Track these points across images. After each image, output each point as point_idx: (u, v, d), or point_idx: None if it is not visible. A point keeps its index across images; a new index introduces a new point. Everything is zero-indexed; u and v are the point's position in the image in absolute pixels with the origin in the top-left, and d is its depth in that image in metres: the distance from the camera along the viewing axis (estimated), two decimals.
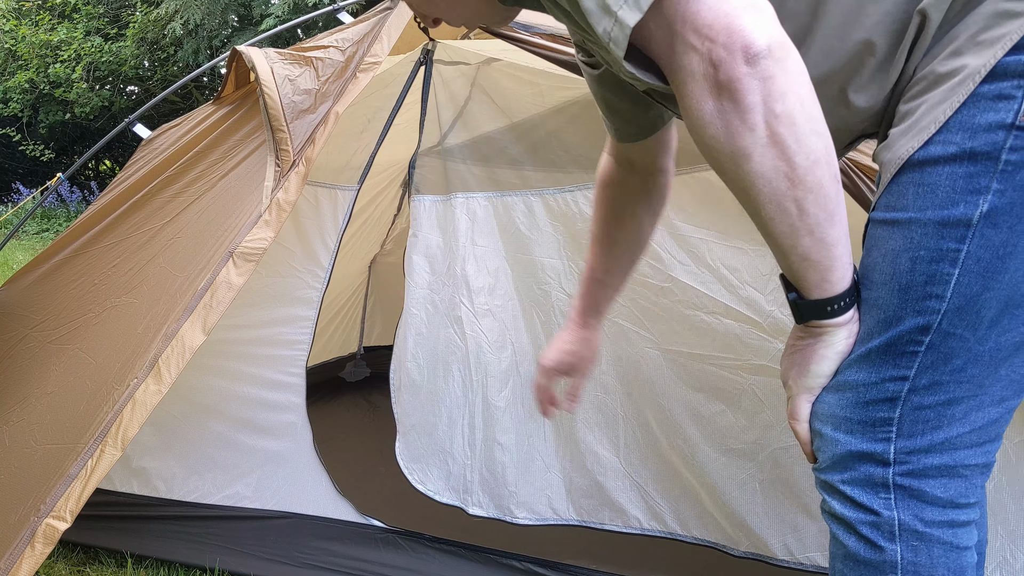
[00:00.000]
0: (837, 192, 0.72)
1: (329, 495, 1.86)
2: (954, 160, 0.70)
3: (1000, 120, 0.69)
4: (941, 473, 0.76)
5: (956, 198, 0.71)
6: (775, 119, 0.68)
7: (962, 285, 0.71)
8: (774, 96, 0.67)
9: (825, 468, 0.81)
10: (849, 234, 0.75)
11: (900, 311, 0.74)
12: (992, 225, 0.70)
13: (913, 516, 0.75)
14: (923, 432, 0.75)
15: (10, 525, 1.37)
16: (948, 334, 0.73)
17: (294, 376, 1.90)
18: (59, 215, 9.02)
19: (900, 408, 0.75)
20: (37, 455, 1.48)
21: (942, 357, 0.73)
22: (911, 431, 0.75)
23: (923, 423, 0.75)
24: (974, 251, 0.71)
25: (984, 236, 0.70)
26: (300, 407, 1.89)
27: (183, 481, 1.87)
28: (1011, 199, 0.69)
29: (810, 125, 0.69)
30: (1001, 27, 0.69)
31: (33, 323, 1.83)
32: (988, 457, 0.77)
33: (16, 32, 9.02)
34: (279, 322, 1.94)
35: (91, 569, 1.82)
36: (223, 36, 7.61)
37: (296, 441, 1.88)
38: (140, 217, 1.83)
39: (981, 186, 0.70)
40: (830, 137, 0.71)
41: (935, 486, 0.76)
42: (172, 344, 1.39)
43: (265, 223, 1.47)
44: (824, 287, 0.76)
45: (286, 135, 1.53)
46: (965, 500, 0.76)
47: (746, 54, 0.66)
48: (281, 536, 1.83)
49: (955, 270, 0.71)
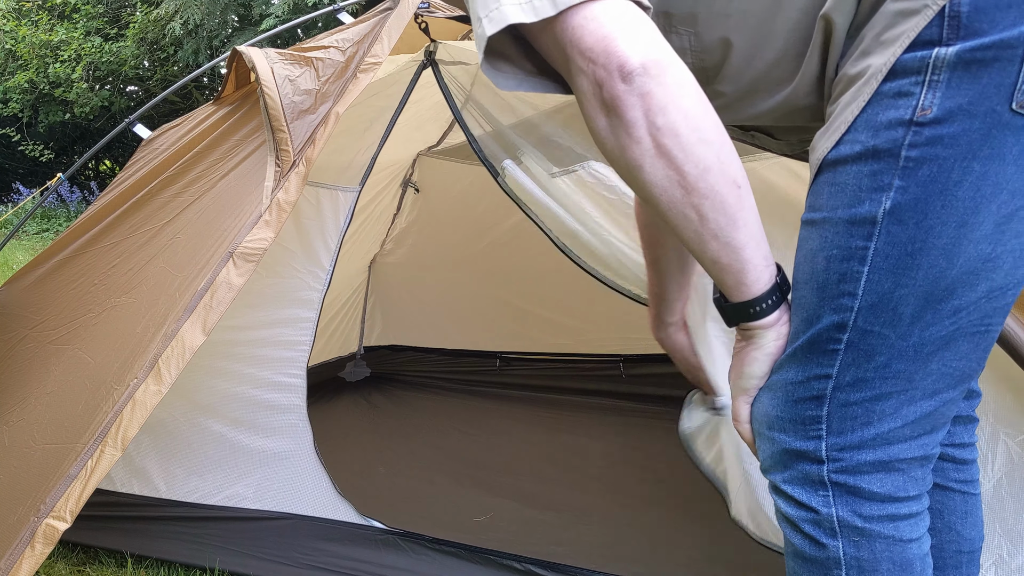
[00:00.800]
0: (738, 197, 0.74)
1: (329, 496, 1.86)
2: (860, 159, 0.72)
3: (900, 117, 0.70)
4: (876, 468, 0.76)
5: (862, 196, 0.72)
6: (658, 131, 0.71)
7: (873, 282, 0.72)
8: (654, 110, 0.70)
9: (767, 468, 0.82)
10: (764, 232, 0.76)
11: (819, 309, 0.75)
12: (897, 222, 0.71)
13: (851, 512, 0.76)
14: (852, 429, 0.76)
15: (10, 525, 1.37)
16: (866, 331, 0.74)
17: (295, 377, 1.90)
18: (59, 215, 9.02)
19: (827, 406, 0.76)
20: (36, 455, 1.48)
21: (863, 354, 0.74)
22: (840, 428, 0.76)
23: (851, 420, 0.76)
24: (881, 248, 0.72)
25: (890, 233, 0.71)
26: (301, 408, 1.89)
27: (183, 481, 1.87)
28: (915, 195, 0.70)
29: (696, 135, 0.72)
30: (900, 25, 0.70)
31: (33, 323, 1.83)
32: (926, 449, 0.77)
33: (16, 32, 9.02)
34: (280, 323, 1.94)
35: (91, 569, 1.82)
36: (223, 36, 7.61)
37: (296, 442, 1.88)
38: (140, 217, 1.83)
39: (884, 183, 0.71)
40: (724, 144, 0.73)
41: (871, 482, 0.76)
42: (172, 344, 1.39)
43: (265, 223, 1.47)
44: (741, 290, 0.78)
45: (286, 135, 1.53)
46: (904, 493, 0.77)
47: (622, 73, 0.70)
48: (281, 537, 1.83)
49: (864, 267, 0.72)
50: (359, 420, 2.99)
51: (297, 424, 1.88)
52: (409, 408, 3.14)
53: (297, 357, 1.92)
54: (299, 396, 1.89)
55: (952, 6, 0.66)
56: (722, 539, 1.94)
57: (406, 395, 3.28)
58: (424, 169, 3.24)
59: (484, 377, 3.33)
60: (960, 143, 0.68)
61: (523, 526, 2.08)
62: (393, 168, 3.11)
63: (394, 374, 3.43)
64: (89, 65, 8.67)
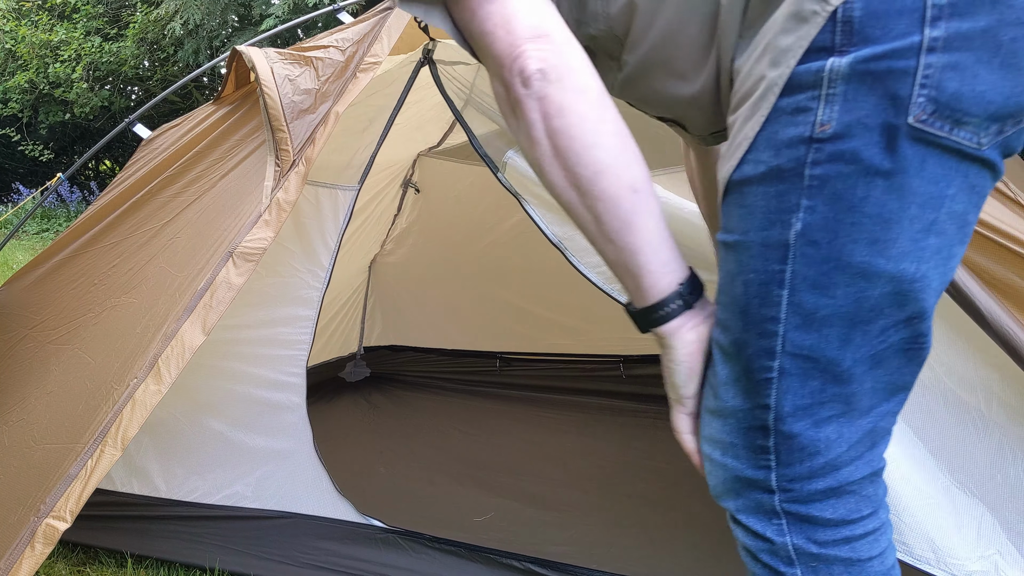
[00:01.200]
0: (633, 202, 0.74)
1: (329, 495, 1.86)
2: (765, 179, 0.70)
3: (800, 134, 0.68)
4: (827, 496, 0.75)
5: (772, 218, 0.70)
6: (555, 134, 0.74)
7: (795, 305, 0.70)
8: (551, 113, 0.73)
9: (719, 495, 0.81)
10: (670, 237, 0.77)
11: (745, 334, 0.74)
12: (810, 243, 0.69)
13: (806, 539, 0.75)
14: (800, 460, 0.74)
15: (10, 525, 1.37)
16: (795, 356, 0.72)
17: (294, 376, 1.90)
18: (59, 215, 9.02)
19: (773, 437, 0.75)
20: (37, 455, 1.48)
21: (797, 380, 0.72)
22: (788, 460, 0.75)
23: (798, 451, 0.74)
24: (799, 271, 0.70)
25: (805, 255, 0.69)
26: (300, 407, 1.89)
27: (183, 481, 1.87)
28: (823, 214, 0.68)
29: (592, 138, 0.73)
30: (792, 33, 0.68)
31: (33, 323, 1.83)
32: (873, 465, 0.76)
33: (16, 32, 9.02)
34: (279, 322, 1.94)
35: (91, 569, 1.82)
36: (223, 36, 7.61)
37: (296, 441, 1.88)
38: (140, 217, 1.83)
39: (792, 204, 0.69)
40: (624, 149, 0.75)
41: (823, 509, 0.75)
42: (172, 344, 1.39)
43: (265, 223, 1.47)
44: (640, 294, 0.78)
45: (286, 135, 1.53)
46: (859, 514, 0.76)
47: (522, 77, 0.73)
48: (281, 536, 1.83)
49: (784, 291, 0.70)
50: (359, 420, 2.99)
51: (297, 423, 1.88)
52: (409, 408, 3.14)
53: (297, 356, 1.92)
54: (299, 395, 1.89)
55: (845, 10, 0.64)
56: (723, 539, 1.94)
57: (406, 395, 3.29)
58: (424, 169, 3.24)
59: (484, 377, 3.33)
60: (862, 159, 0.66)
61: (523, 526, 2.08)
62: (393, 168, 3.11)
63: (394, 374, 3.44)
64: (89, 65, 8.66)
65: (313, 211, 2.00)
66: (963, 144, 0.65)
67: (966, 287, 1.28)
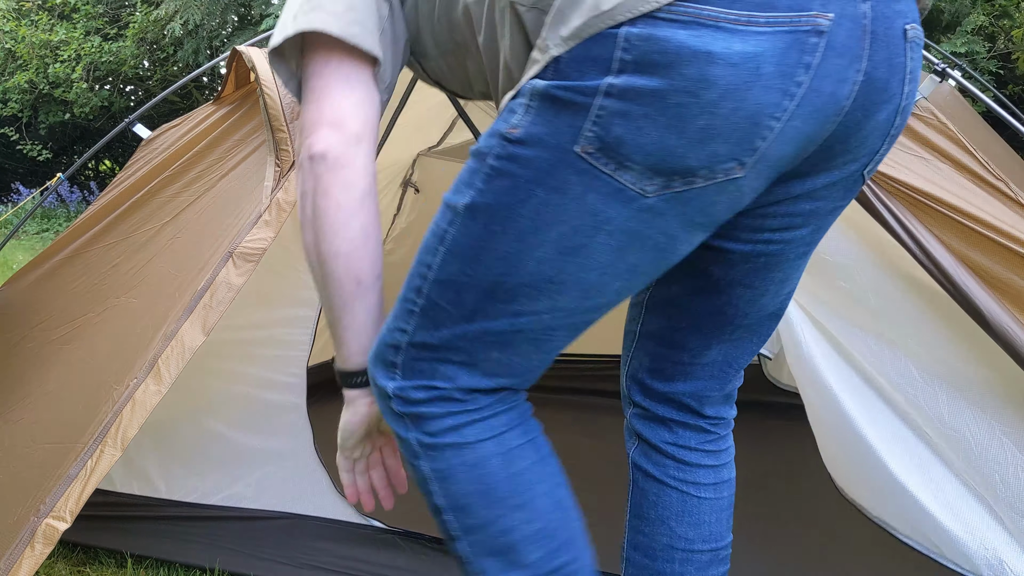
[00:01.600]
0: (354, 293, 0.90)
1: (329, 495, 1.86)
2: (473, 156, 0.82)
3: (498, 128, 0.80)
4: (430, 402, 0.88)
5: (459, 186, 0.83)
6: (315, 209, 0.88)
7: (445, 262, 0.83)
8: (319, 192, 0.87)
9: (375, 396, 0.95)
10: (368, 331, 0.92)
11: (413, 270, 0.87)
12: (471, 218, 0.81)
13: (422, 433, 0.88)
14: (417, 376, 0.87)
15: (9, 525, 1.37)
16: (434, 303, 0.85)
17: (294, 376, 1.90)
18: (59, 215, 9.02)
19: (401, 356, 0.87)
20: (37, 454, 1.48)
21: (431, 322, 0.85)
22: (407, 375, 0.88)
23: (418, 372, 0.87)
24: (454, 234, 0.82)
25: (464, 225, 0.82)
26: (301, 407, 1.89)
27: (183, 481, 1.87)
28: (488, 200, 0.80)
29: (340, 227, 0.87)
30: (527, 73, 0.80)
31: (33, 323, 1.83)
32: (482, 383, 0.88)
33: (15, 32, 9.01)
34: (280, 323, 1.94)
35: (91, 569, 1.82)
36: (223, 36, 7.61)
37: (296, 441, 1.88)
38: (140, 217, 1.83)
39: (471, 182, 0.81)
40: (364, 246, 0.89)
41: (428, 409, 0.87)
42: (172, 344, 1.40)
43: (265, 223, 1.47)
44: (339, 357, 0.95)
45: (286, 135, 1.53)
46: (461, 408, 0.88)
47: (309, 153, 0.87)
48: (281, 536, 1.83)
49: (441, 247, 0.83)
50: None
51: (297, 423, 1.88)
52: None
53: (297, 356, 1.92)
54: (299, 395, 1.89)
55: (557, 57, 0.75)
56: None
57: None
58: (424, 169, 3.24)
59: None
60: (531, 167, 0.77)
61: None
62: (393, 168, 3.11)
63: None
64: (89, 65, 8.66)
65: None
66: (627, 186, 0.76)
67: (966, 287, 1.28)
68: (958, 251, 1.30)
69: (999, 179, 1.34)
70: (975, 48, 4.26)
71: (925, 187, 1.32)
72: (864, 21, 0.75)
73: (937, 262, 1.29)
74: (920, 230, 1.31)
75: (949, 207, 1.31)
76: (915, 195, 1.32)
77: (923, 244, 1.30)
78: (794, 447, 2.59)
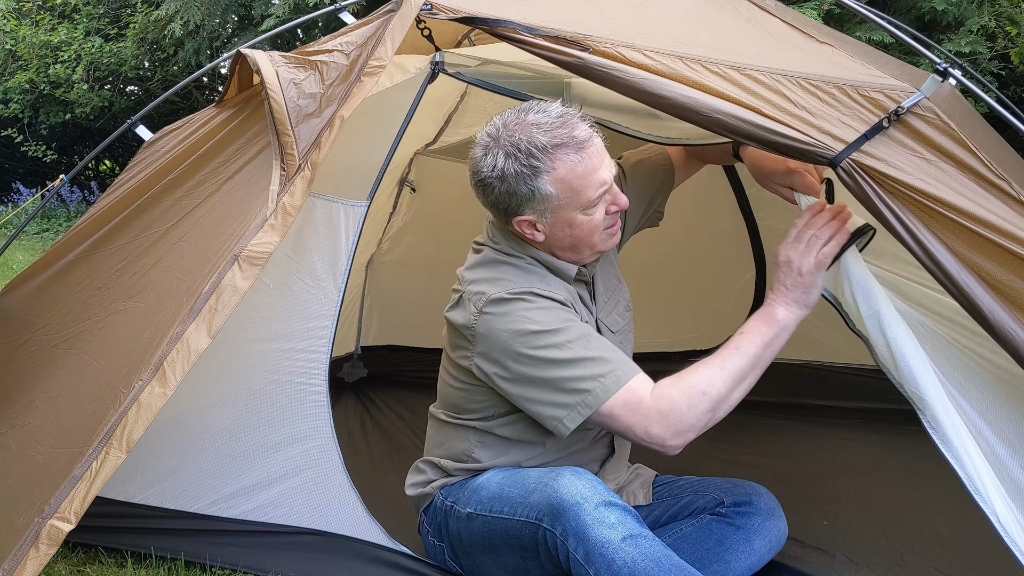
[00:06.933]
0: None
1: (331, 500, 1.83)
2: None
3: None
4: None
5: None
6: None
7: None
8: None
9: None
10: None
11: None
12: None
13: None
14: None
15: (16, 528, 1.37)
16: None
17: (316, 387, 1.85)
18: (59, 215, 9.01)
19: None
20: (42, 459, 1.48)
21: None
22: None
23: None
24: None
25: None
26: (324, 416, 1.84)
27: (186, 487, 1.84)
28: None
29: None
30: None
31: (38, 327, 1.83)
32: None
33: (16, 32, 9.01)
34: (298, 336, 1.87)
35: (91, 569, 1.83)
36: (223, 36, 7.61)
37: (319, 457, 1.84)
38: (144, 221, 1.82)
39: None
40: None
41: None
42: (177, 347, 1.40)
43: (270, 227, 1.48)
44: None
45: (291, 139, 1.53)
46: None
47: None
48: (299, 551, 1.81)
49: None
50: (359, 421, 2.99)
51: (322, 428, 1.84)
52: (409, 409, 3.13)
53: (316, 367, 1.86)
54: (322, 410, 1.84)
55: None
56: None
57: (405, 395, 3.26)
58: (420, 168, 3.22)
59: None
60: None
61: None
62: (390, 167, 3.10)
63: (392, 374, 3.42)
64: (89, 65, 8.65)
65: (325, 226, 1.90)
66: None
67: (967, 287, 1.28)
68: (961, 253, 1.30)
69: (1002, 178, 1.33)
70: (978, 48, 4.26)
71: (928, 188, 1.31)
72: None
73: (940, 264, 1.29)
74: (923, 232, 1.30)
75: (952, 208, 1.30)
76: (917, 196, 1.31)
77: (926, 246, 1.30)
78: (793, 447, 2.59)
